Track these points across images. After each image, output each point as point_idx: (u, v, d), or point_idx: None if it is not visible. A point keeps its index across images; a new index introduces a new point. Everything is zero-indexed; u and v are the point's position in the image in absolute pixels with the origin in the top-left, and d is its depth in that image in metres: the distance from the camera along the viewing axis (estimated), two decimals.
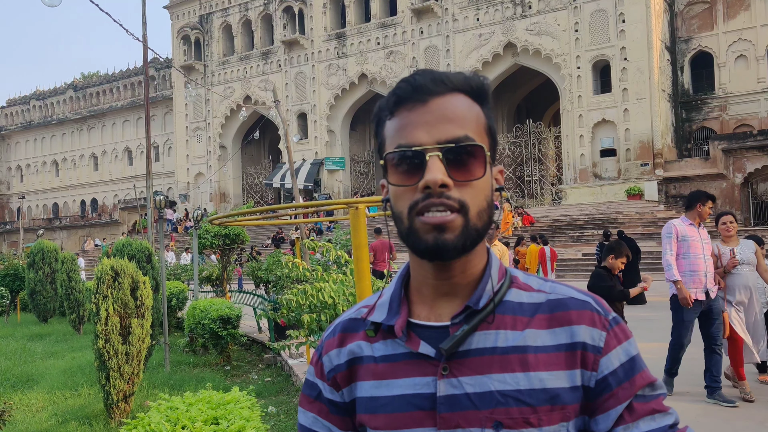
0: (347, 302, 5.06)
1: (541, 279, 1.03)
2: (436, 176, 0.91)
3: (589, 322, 0.97)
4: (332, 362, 1.06)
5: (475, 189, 0.95)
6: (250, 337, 12.06)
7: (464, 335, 0.96)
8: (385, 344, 1.01)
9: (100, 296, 6.52)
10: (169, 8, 46.01)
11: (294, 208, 6.26)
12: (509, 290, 1.00)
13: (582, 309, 0.97)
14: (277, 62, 41.06)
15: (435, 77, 0.98)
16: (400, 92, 0.98)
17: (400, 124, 0.98)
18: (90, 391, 8.03)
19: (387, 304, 1.03)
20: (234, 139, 43.99)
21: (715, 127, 32.00)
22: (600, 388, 0.95)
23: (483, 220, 0.96)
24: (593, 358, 0.95)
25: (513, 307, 0.99)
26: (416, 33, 36.03)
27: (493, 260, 1.03)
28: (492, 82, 34.18)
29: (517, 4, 32.98)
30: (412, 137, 0.95)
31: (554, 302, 0.98)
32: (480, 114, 0.99)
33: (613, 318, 0.99)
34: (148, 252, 9.94)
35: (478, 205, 0.95)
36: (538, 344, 0.95)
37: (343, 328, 1.08)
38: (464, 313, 0.97)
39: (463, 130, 0.95)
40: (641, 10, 29.82)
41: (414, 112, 0.96)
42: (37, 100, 58.45)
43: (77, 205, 56.24)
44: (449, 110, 0.96)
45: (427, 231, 0.93)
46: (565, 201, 31.30)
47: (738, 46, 31.37)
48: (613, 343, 0.96)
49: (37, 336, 13.94)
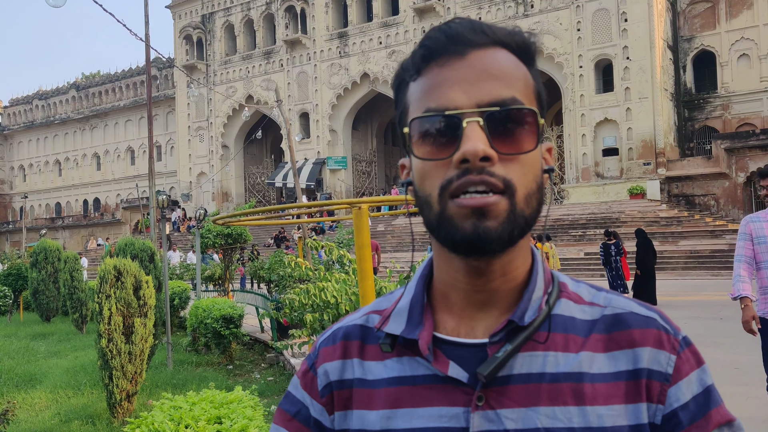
0: (350, 302, 5.06)
1: (592, 287, 0.84)
2: (477, 146, 0.72)
3: (655, 344, 0.78)
4: (329, 377, 0.85)
5: (523, 165, 0.75)
6: (252, 337, 12.08)
7: (507, 357, 0.76)
8: (401, 362, 0.81)
9: (103, 295, 6.54)
10: (172, 8, 46.04)
11: (297, 207, 6.27)
12: (558, 301, 0.81)
13: (646, 327, 0.79)
14: (279, 62, 41.08)
15: (475, 26, 0.78)
16: (430, 42, 0.78)
17: (430, 84, 0.77)
18: (93, 391, 8.04)
19: (406, 312, 0.83)
20: (236, 139, 44.02)
21: (717, 126, 31.96)
22: (668, 425, 0.77)
23: (532, 206, 0.76)
24: (660, 388, 0.77)
25: (564, 323, 0.79)
26: (418, 32, 36.02)
27: (538, 262, 0.83)
28: None
29: (519, 3, 32.97)
30: (445, 98, 0.75)
31: (611, 318, 0.79)
32: (528, 75, 0.80)
33: (683, 338, 0.80)
34: (150, 251, 9.96)
35: (526, 186, 0.75)
36: (594, 371, 0.76)
37: (346, 334, 0.87)
38: (506, 329, 0.78)
39: (510, 90, 0.75)
40: (643, 9, 29.79)
41: (448, 67, 0.76)
42: (40, 99, 58.53)
43: (80, 204, 56.32)
44: (493, 65, 0.76)
45: (465, 216, 0.73)
46: (568, 200, 31.28)
47: (740, 45, 31.32)
48: (685, 369, 0.78)
49: (40, 335, 13.97)
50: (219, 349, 10.31)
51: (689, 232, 24.61)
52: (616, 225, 24.81)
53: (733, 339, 9.60)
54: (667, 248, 23.24)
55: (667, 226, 25.79)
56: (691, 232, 24.65)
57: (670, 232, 24.98)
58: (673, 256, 22.89)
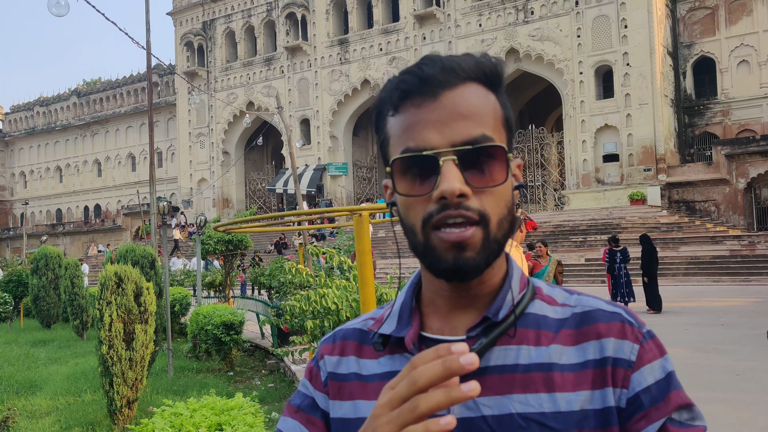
0: (350, 308, 5.06)
1: (566, 291, 0.93)
2: (453, 186, 0.79)
3: (619, 335, 0.85)
4: (327, 369, 0.95)
5: (495, 196, 0.83)
6: (253, 343, 12.08)
7: (482, 350, 0.85)
8: (392, 359, 0.90)
9: (103, 302, 6.54)
10: (173, 15, 46.18)
11: (297, 215, 6.28)
12: (532, 302, 0.90)
13: (611, 320, 0.87)
14: (280, 68, 41.17)
15: (445, 66, 0.85)
16: (405, 86, 0.85)
17: (407, 123, 0.85)
18: (93, 397, 8.04)
19: (397, 315, 0.92)
20: (237, 145, 44.07)
21: (717, 132, 31.98)
22: (631, 408, 0.83)
23: (504, 229, 0.85)
24: (624, 374, 0.84)
25: (536, 320, 0.88)
26: (419, 39, 36.11)
27: (513, 269, 0.92)
28: None
29: (519, 9, 33.05)
30: (422, 139, 0.83)
31: (581, 315, 0.88)
32: (496, 105, 0.87)
33: (647, 331, 0.87)
34: (151, 258, 9.97)
35: (498, 213, 0.83)
36: (564, 362, 0.85)
37: (345, 336, 0.97)
38: (482, 325, 0.87)
39: (479, 128, 0.83)
40: (643, 15, 29.86)
41: (423, 108, 0.84)
42: (41, 106, 58.64)
43: (80, 211, 56.35)
44: (463, 105, 0.83)
45: (446, 249, 0.82)
46: (568, 206, 31.28)
47: (740, 51, 31.37)
48: (647, 357, 0.85)
49: (41, 342, 13.96)
50: (220, 355, 10.31)
51: (690, 238, 24.60)
52: (616, 231, 24.80)
53: (734, 345, 9.59)
54: (668, 254, 23.23)
55: (667, 232, 25.78)
56: (691, 238, 24.64)
57: (670, 238, 24.97)
58: (673, 262, 22.87)
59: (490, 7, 33.91)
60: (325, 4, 39.37)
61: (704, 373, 8.00)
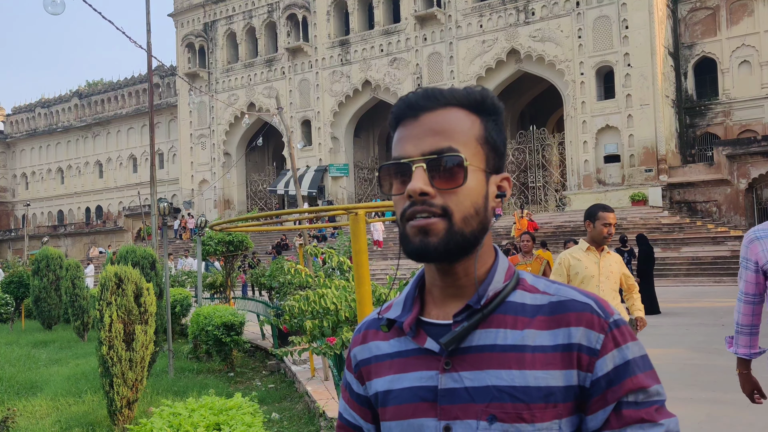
0: (349, 308, 5.06)
1: (549, 282, 1.07)
2: (416, 185, 0.98)
3: (587, 324, 0.99)
4: (357, 357, 1.16)
5: (459, 196, 1.00)
6: (253, 344, 12.08)
7: (463, 332, 1.01)
8: (399, 341, 1.09)
9: (104, 303, 6.55)
10: (174, 16, 46.21)
11: (294, 213, 6.28)
12: (514, 291, 1.05)
13: (582, 311, 1.00)
14: (281, 69, 41.19)
15: (428, 94, 1.05)
16: (396, 111, 1.07)
17: (396, 139, 1.06)
18: (94, 398, 8.04)
19: (402, 303, 1.11)
20: (238, 146, 44.08)
21: (719, 133, 31.94)
22: (594, 389, 0.98)
23: (471, 225, 1.01)
24: (588, 360, 0.98)
25: (515, 308, 1.03)
26: (420, 40, 36.11)
27: (499, 263, 1.08)
28: (495, 88, 34.28)
29: (520, 10, 33.04)
30: (402, 150, 1.03)
31: (555, 304, 1.02)
32: (476, 124, 1.04)
33: (613, 321, 1.00)
34: (152, 259, 9.97)
35: (463, 210, 1.00)
36: (536, 344, 0.99)
37: (367, 326, 1.17)
38: (466, 311, 1.03)
39: (447, 141, 1.01)
40: (644, 16, 29.84)
41: (406, 127, 1.04)
42: (43, 107, 58.69)
43: (82, 212, 56.38)
44: (437, 124, 1.02)
45: (414, 234, 1.00)
46: (569, 207, 31.26)
47: (741, 51, 31.33)
48: (610, 346, 0.98)
49: (42, 343, 13.97)
50: (220, 356, 10.31)
51: (691, 239, 24.57)
52: (618, 232, 24.74)
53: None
54: (669, 255, 23.20)
55: (669, 232, 25.76)
56: (693, 238, 24.61)
57: (672, 238, 24.95)
58: (675, 263, 22.85)
59: (491, 8, 33.90)
60: (326, 5, 39.39)
61: (705, 373, 7.99)
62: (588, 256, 4.85)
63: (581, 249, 4.91)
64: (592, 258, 4.84)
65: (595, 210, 4.80)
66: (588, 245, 4.90)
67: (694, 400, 6.52)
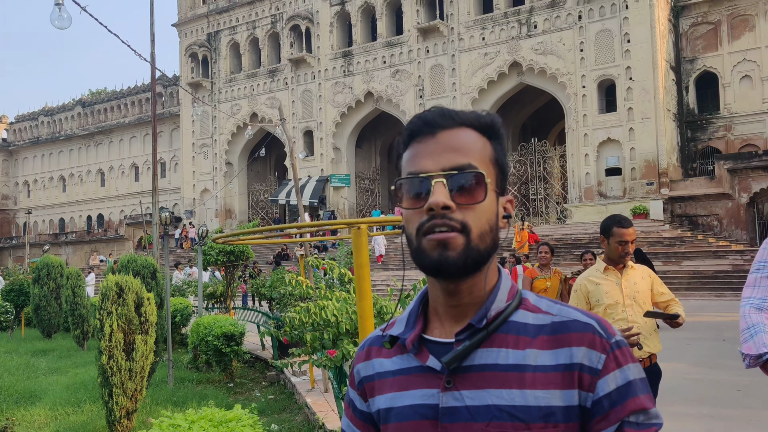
0: (350, 320, 5.06)
1: (552, 302, 1.08)
2: (438, 199, 0.99)
3: (589, 344, 1.00)
4: (360, 374, 1.17)
5: (476, 212, 1.02)
6: (253, 354, 12.05)
7: (465, 350, 1.02)
8: (401, 358, 1.10)
9: (104, 312, 6.55)
10: (178, 26, 46.43)
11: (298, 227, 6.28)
12: (516, 311, 1.06)
13: (584, 331, 1.01)
14: (283, 80, 41.33)
15: (444, 113, 1.07)
16: (412, 126, 1.08)
17: (411, 155, 1.07)
18: (93, 408, 8.02)
19: (405, 320, 1.12)
20: (240, 156, 44.16)
21: (720, 147, 31.98)
22: (595, 409, 0.99)
23: (485, 242, 1.03)
24: (590, 380, 0.99)
25: (517, 327, 1.04)
26: (422, 52, 36.24)
27: (502, 282, 1.09)
28: (497, 101, 34.41)
29: (522, 23, 33.17)
30: (420, 165, 1.04)
31: (558, 324, 1.03)
32: (487, 146, 1.07)
33: (615, 341, 1.01)
34: (152, 268, 9.97)
35: (479, 227, 1.02)
36: (537, 363, 1.00)
37: (371, 343, 1.19)
38: (468, 330, 1.04)
39: (466, 158, 1.03)
40: (646, 30, 29.95)
41: (423, 143, 1.06)
42: (46, 116, 58.87)
43: (83, 220, 56.42)
44: (455, 141, 1.05)
45: (432, 248, 1.01)
46: (570, 219, 31.25)
47: (743, 66, 31.42)
48: (611, 366, 0.99)
49: (41, 351, 13.95)
50: (220, 366, 10.29)
51: (692, 253, 24.53)
52: None
53: (735, 361, 9.53)
54: (670, 268, 23.16)
55: (670, 246, 25.72)
56: (694, 252, 24.57)
57: (673, 252, 24.91)
58: (676, 277, 22.81)
59: (493, 20, 34.04)
60: (330, 16, 39.58)
61: (706, 388, 7.96)
62: (608, 279, 4.14)
63: (599, 270, 4.19)
64: (613, 279, 4.13)
65: (610, 224, 4.13)
66: (605, 265, 4.19)
67: (694, 415, 6.50)
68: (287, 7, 41.40)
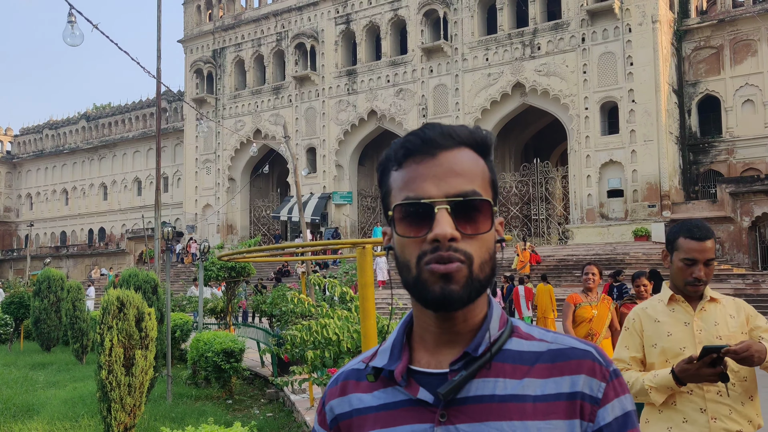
0: (351, 339, 5.05)
1: (543, 330, 1.03)
2: (446, 230, 0.93)
3: (589, 372, 0.97)
4: (334, 411, 1.06)
5: (479, 242, 0.96)
6: (252, 371, 12.01)
7: (462, 381, 0.95)
8: (386, 392, 1.01)
9: (105, 326, 6.53)
10: (183, 42, 46.79)
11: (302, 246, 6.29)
12: (510, 339, 1.00)
13: (583, 358, 0.97)
14: (288, 97, 41.55)
15: (444, 131, 0.99)
16: (409, 145, 0.99)
17: (408, 176, 0.98)
18: (90, 423, 7.98)
19: (389, 350, 1.03)
20: (243, 172, 44.28)
21: (722, 170, 32.04)
22: None
23: (485, 272, 0.97)
24: (590, 409, 0.95)
25: (513, 356, 0.98)
26: (426, 71, 36.46)
27: (494, 309, 1.03)
28: (500, 121, 34.55)
29: (526, 45, 33.39)
30: (421, 190, 0.96)
31: (556, 352, 0.98)
32: (485, 168, 1.01)
33: (613, 370, 0.99)
34: (154, 283, 9.96)
35: (481, 257, 0.96)
36: (537, 393, 0.95)
37: (346, 377, 1.08)
38: (463, 359, 0.97)
39: (471, 184, 0.97)
40: (649, 53, 30.13)
41: (423, 164, 0.97)
42: (50, 129, 59.14)
43: (85, 233, 56.46)
44: (458, 164, 0.98)
45: (434, 281, 0.94)
46: (572, 240, 31.22)
47: (745, 90, 31.57)
48: (611, 395, 0.97)
49: (40, 365, 13.90)
50: (219, 383, 10.25)
51: None
52: (620, 267, 24.67)
53: None
54: None
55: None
56: None
57: None
58: None
59: (497, 41, 34.27)
60: (335, 35, 39.87)
61: None
62: (673, 316, 2.77)
63: (662, 302, 2.83)
64: (680, 317, 2.75)
65: (677, 233, 2.85)
66: (671, 293, 2.83)
67: None
68: (292, 25, 41.72)
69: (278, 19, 42.41)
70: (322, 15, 40.49)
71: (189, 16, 46.86)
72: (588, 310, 6.38)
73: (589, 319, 6.37)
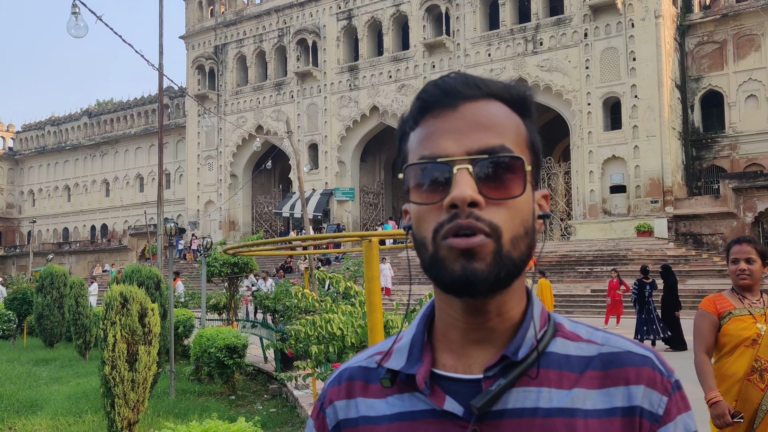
0: (355, 334, 5.04)
1: (590, 327, 0.87)
2: (465, 192, 0.76)
3: (649, 383, 0.81)
4: (338, 415, 0.89)
5: (510, 210, 0.79)
6: (255, 367, 12.01)
7: (500, 391, 0.79)
8: (401, 399, 0.84)
9: (108, 322, 6.53)
10: (185, 38, 46.75)
11: (307, 239, 6.28)
12: (553, 340, 0.84)
13: (642, 365, 0.81)
14: (289, 93, 41.51)
15: (468, 80, 0.83)
16: (425, 95, 0.84)
17: (424, 133, 0.82)
18: (94, 418, 7.98)
19: (407, 349, 0.86)
20: (245, 168, 44.28)
21: (725, 166, 31.97)
22: None
23: (520, 249, 0.79)
24: (650, 427, 0.80)
25: (559, 361, 0.82)
26: (428, 67, 36.40)
27: (535, 302, 0.86)
28: None
29: (528, 40, 33.32)
30: (437, 147, 0.80)
31: (608, 356, 0.82)
32: (521, 126, 0.84)
33: (675, 381, 0.83)
34: (157, 279, 9.96)
35: (512, 230, 0.78)
36: (588, 407, 0.79)
37: (351, 376, 0.90)
38: (500, 364, 0.81)
39: (499, 139, 0.80)
40: (652, 49, 30.05)
41: (441, 118, 0.81)
42: (52, 125, 59.17)
43: (87, 230, 56.52)
44: (483, 116, 0.81)
45: (455, 258, 0.77)
46: (575, 236, 31.19)
47: (748, 86, 31.48)
48: (673, 412, 0.81)
49: (43, 361, 13.92)
50: (222, 378, 10.25)
51: (697, 271, 24.45)
52: (623, 262, 24.68)
53: None
54: None
55: (674, 264, 25.58)
56: (698, 271, 24.49)
57: (677, 270, 24.76)
58: (680, 295, 22.68)
59: (499, 37, 34.19)
60: (336, 31, 39.82)
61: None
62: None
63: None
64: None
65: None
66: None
67: None
68: (294, 21, 41.66)
69: (280, 14, 42.36)
70: (324, 11, 40.43)
71: (191, 12, 46.80)
72: (748, 324, 3.43)
73: (751, 339, 3.44)
